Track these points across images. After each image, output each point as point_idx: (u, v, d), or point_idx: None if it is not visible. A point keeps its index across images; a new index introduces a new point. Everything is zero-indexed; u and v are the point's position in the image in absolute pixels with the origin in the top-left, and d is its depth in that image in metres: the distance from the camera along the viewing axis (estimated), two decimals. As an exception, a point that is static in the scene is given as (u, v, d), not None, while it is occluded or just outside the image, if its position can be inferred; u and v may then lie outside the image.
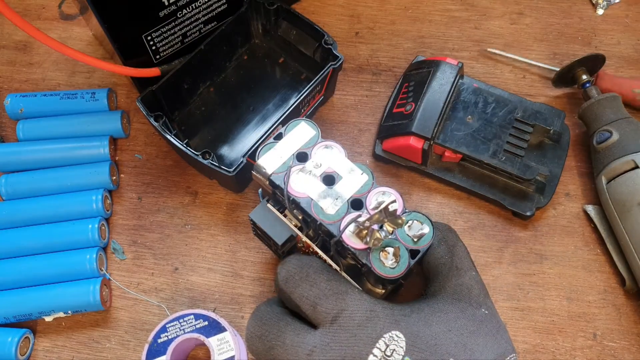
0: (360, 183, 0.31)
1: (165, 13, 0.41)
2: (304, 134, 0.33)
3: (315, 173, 0.31)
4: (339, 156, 0.32)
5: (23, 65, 0.51)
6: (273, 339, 0.29)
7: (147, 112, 0.41)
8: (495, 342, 0.29)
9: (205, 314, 0.37)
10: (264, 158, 0.32)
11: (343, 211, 0.30)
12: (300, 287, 0.30)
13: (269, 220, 0.34)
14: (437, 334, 0.28)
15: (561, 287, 0.41)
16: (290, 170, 0.31)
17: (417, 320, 0.28)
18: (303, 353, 0.28)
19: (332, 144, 0.32)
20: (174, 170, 0.46)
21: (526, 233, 0.43)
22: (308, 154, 0.32)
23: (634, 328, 0.40)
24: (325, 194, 0.30)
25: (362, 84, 0.49)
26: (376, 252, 0.29)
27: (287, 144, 0.32)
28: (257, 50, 0.49)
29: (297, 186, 0.31)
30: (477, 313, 0.30)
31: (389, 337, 0.27)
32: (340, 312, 0.28)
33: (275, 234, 0.33)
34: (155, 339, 0.37)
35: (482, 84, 0.45)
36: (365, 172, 0.31)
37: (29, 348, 0.40)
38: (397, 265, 0.29)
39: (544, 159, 0.43)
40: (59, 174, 0.44)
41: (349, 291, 0.29)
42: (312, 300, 0.29)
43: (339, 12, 0.52)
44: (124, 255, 0.43)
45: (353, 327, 0.28)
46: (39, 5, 0.54)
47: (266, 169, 0.32)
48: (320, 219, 0.30)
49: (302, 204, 0.30)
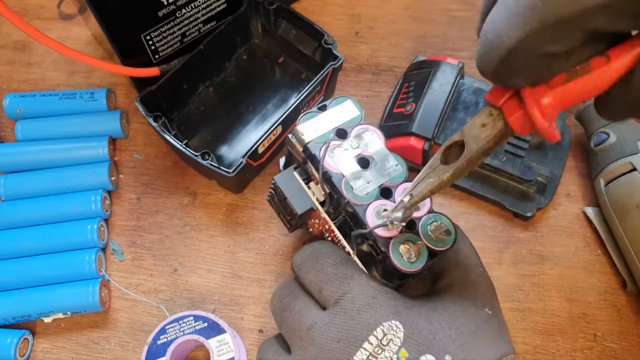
0: (394, 173, 0.31)
1: (164, 13, 0.41)
2: (348, 111, 0.33)
3: (352, 153, 0.31)
4: (378, 142, 0.32)
5: (22, 65, 0.51)
6: (287, 302, 0.31)
7: (146, 112, 0.41)
8: (495, 343, 0.29)
9: (205, 315, 0.37)
10: (304, 125, 0.32)
11: (372, 196, 0.30)
12: (310, 274, 0.31)
13: (292, 188, 0.33)
14: (437, 330, 0.28)
15: (562, 288, 0.41)
16: (330, 143, 0.31)
17: (419, 314, 0.29)
18: (304, 325, 0.29)
19: (374, 129, 0.32)
20: (173, 171, 0.46)
21: (527, 234, 0.43)
22: (348, 132, 0.32)
23: (635, 329, 0.40)
24: (358, 175, 0.30)
25: (362, 84, 0.49)
26: (397, 243, 0.29)
27: (330, 118, 0.32)
28: (256, 50, 0.49)
29: (332, 161, 0.31)
30: (480, 313, 0.30)
31: (388, 325, 0.28)
32: (343, 295, 0.29)
33: (296, 203, 0.33)
34: (154, 341, 0.37)
35: (483, 84, 0.45)
36: (400, 164, 0.31)
37: (28, 349, 0.40)
38: (416, 261, 0.29)
39: (545, 159, 0.43)
40: (58, 175, 0.44)
41: (355, 275, 0.30)
42: (319, 284, 0.30)
43: (338, 11, 0.52)
44: (123, 256, 0.43)
45: (353, 311, 0.28)
46: (38, 5, 0.54)
47: (305, 135, 0.31)
48: (348, 197, 0.30)
49: (333, 178, 0.30)
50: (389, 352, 0.27)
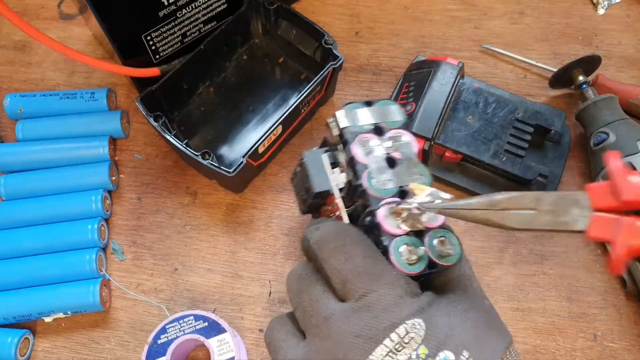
0: (417, 180, 0.31)
1: (164, 13, 0.41)
2: (391, 114, 0.34)
3: (383, 150, 0.32)
4: (411, 148, 0.32)
5: (22, 65, 0.51)
6: (306, 284, 0.30)
7: (147, 112, 0.41)
8: (502, 333, 0.29)
9: (205, 315, 0.37)
10: (347, 112, 0.33)
11: (390, 192, 0.31)
12: (333, 258, 0.29)
13: (317, 167, 0.35)
14: (455, 325, 0.28)
15: (562, 287, 0.41)
16: (363, 135, 0.32)
17: (438, 310, 0.28)
18: (322, 314, 0.28)
19: (411, 136, 0.33)
20: (173, 171, 0.46)
21: (527, 234, 0.43)
22: (385, 131, 0.33)
23: (635, 329, 0.40)
24: (382, 171, 0.31)
25: (362, 83, 0.49)
26: (400, 242, 0.29)
27: (372, 113, 0.33)
28: (256, 50, 0.49)
29: (362, 150, 0.32)
30: (485, 304, 0.30)
31: (412, 324, 0.27)
32: (370, 292, 0.28)
33: (316, 182, 0.35)
34: (155, 340, 0.37)
35: (483, 84, 0.45)
36: (426, 175, 0.32)
37: (29, 349, 0.40)
38: (414, 264, 0.29)
39: (545, 159, 0.43)
40: (59, 174, 0.44)
41: (385, 273, 0.28)
42: (344, 275, 0.28)
43: (339, 11, 0.52)
44: (124, 255, 0.43)
45: (379, 309, 0.27)
46: (38, 5, 0.54)
47: (343, 121, 0.33)
48: (366, 186, 0.30)
49: (357, 166, 0.31)
50: (409, 349, 0.27)
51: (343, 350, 0.27)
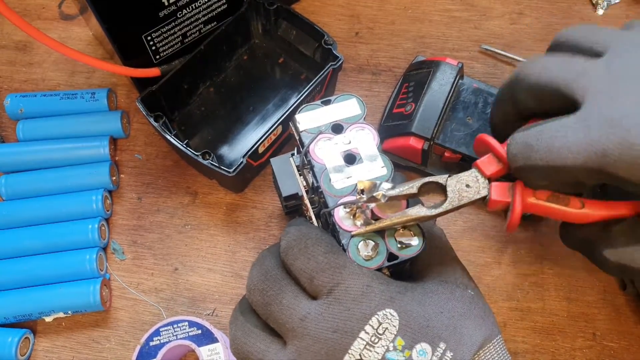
0: (376, 174, 0.31)
1: (165, 13, 0.41)
2: (350, 109, 0.33)
3: (340, 148, 0.32)
4: (370, 142, 0.32)
5: (23, 65, 0.51)
6: (272, 295, 0.29)
7: (147, 112, 0.41)
8: (484, 324, 0.29)
9: (200, 322, 0.37)
10: (303, 115, 0.33)
11: (347, 191, 0.30)
12: (298, 260, 0.29)
13: (285, 172, 0.36)
14: (430, 315, 0.28)
15: (561, 287, 0.41)
16: (319, 136, 0.32)
17: (411, 299, 0.28)
18: (297, 317, 0.28)
19: (370, 129, 0.33)
20: (173, 171, 0.46)
21: (526, 233, 0.43)
22: (344, 128, 0.33)
23: (634, 328, 0.40)
24: (339, 169, 0.31)
25: (362, 84, 0.49)
26: (358, 239, 0.29)
27: (330, 112, 0.33)
28: (257, 50, 0.49)
29: (319, 151, 0.32)
30: (465, 294, 0.30)
31: (383, 314, 0.27)
32: (337, 285, 0.28)
33: (284, 186, 0.36)
34: (147, 342, 0.37)
35: (482, 84, 0.45)
36: (387, 167, 0.31)
37: (29, 348, 0.40)
38: (371, 259, 0.29)
39: (544, 159, 0.43)
40: (59, 174, 0.44)
41: (347, 264, 0.29)
42: (309, 273, 0.29)
43: (338, 12, 0.52)
44: (124, 255, 0.43)
45: (348, 300, 0.28)
46: (39, 5, 0.54)
47: (300, 124, 0.33)
48: (323, 188, 0.30)
49: (315, 168, 0.31)
50: (385, 340, 0.27)
51: (324, 347, 0.27)
